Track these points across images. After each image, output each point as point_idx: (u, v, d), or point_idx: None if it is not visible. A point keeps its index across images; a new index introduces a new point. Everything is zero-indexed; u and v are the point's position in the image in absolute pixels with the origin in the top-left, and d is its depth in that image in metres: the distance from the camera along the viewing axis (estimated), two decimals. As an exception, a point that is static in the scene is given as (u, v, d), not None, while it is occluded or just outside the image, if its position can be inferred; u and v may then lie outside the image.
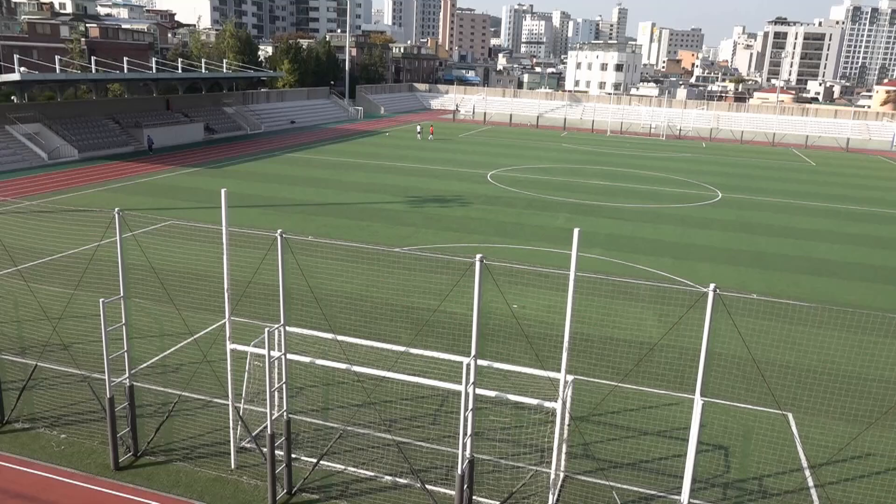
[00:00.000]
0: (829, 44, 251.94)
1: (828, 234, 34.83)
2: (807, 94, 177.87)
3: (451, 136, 72.86)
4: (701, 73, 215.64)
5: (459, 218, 34.27)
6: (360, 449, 13.47)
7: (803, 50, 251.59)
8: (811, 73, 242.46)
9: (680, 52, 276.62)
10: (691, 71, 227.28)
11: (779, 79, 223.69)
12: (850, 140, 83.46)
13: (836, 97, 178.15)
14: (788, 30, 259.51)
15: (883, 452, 14.29)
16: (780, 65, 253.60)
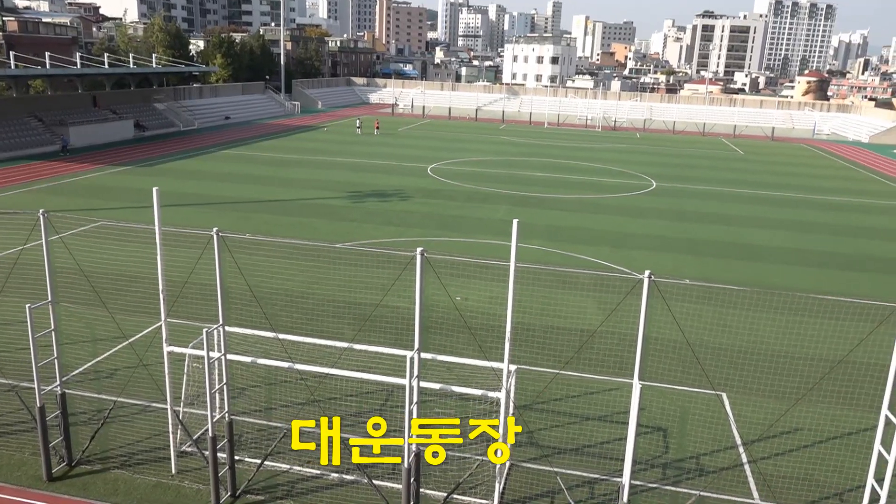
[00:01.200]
0: (753, 36, 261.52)
1: (756, 220, 36.22)
2: (734, 85, 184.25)
3: (391, 129, 72.56)
4: (634, 65, 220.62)
5: (401, 212, 34.20)
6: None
7: (730, 42, 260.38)
8: (738, 64, 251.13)
9: (613, 45, 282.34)
10: (624, 63, 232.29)
11: (707, 70, 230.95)
12: (775, 129, 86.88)
13: (761, 88, 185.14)
14: (716, 23, 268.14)
15: (810, 426, 14.98)
16: (708, 57, 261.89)
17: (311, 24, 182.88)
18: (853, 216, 38.68)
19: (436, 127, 78.73)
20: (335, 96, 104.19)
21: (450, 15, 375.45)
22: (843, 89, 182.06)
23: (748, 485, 12.97)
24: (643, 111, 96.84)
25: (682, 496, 12.36)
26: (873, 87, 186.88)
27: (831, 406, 15.85)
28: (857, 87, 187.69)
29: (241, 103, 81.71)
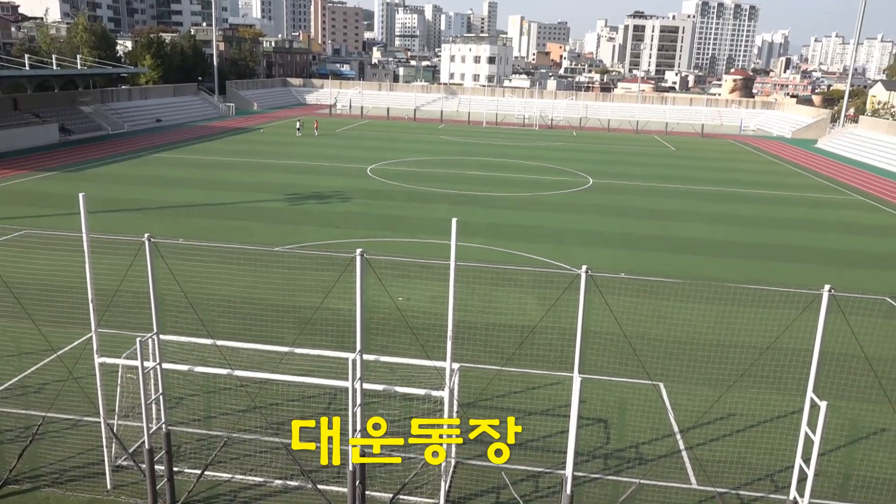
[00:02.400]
0: (682, 36, 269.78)
1: (689, 214, 37.37)
2: (665, 83, 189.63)
3: (329, 130, 71.84)
4: (569, 64, 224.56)
5: (341, 213, 33.90)
6: (247, 455, 13.08)
7: (660, 42, 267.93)
8: (668, 63, 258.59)
9: (548, 45, 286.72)
10: (560, 63, 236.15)
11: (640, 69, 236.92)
12: (704, 126, 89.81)
13: (690, 86, 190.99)
14: (646, 23, 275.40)
15: (742, 412, 15.56)
16: (640, 56, 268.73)
17: (245, 23, 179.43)
18: (779, 208, 40.34)
19: (374, 127, 78.37)
20: (271, 97, 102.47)
21: (386, 15, 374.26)
22: (766, 87, 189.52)
23: (686, 471, 13.38)
24: (579, 110, 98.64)
25: (624, 485, 12.65)
26: (795, 84, 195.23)
27: (761, 391, 16.49)
28: (779, 84, 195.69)
29: (172, 105, 79.46)
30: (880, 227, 36.56)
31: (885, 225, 37.32)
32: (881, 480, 13.25)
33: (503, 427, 11.27)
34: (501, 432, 11.20)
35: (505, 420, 14.85)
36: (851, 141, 72.69)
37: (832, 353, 17.43)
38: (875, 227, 36.48)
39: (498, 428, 11.41)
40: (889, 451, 14.33)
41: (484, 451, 13.40)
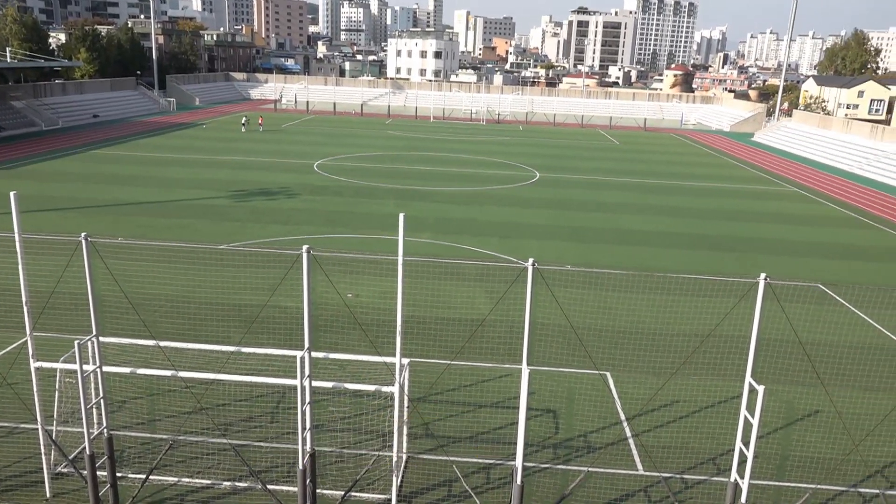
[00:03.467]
0: (624, 32, 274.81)
1: (633, 207, 38.15)
2: (609, 78, 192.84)
3: (275, 126, 70.72)
4: (515, 59, 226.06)
5: (287, 210, 33.45)
6: (193, 458, 12.81)
7: (603, 38, 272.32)
8: (611, 59, 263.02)
9: (494, 40, 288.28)
10: (506, 58, 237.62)
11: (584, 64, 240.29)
12: (647, 120, 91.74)
13: (633, 81, 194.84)
14: (590, 19, 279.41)
15: (686, 398, 16.00)
16: (584, 51, 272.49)
17: (185, 16, 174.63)
18: (719, 200, 41.55)
19: (321, 122, 77.49)
20: (213, 92, 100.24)
21: (331, 9, 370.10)
22: (706, 82, 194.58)
23: (633, 457, 13.69)
24: (525, 104, 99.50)
25: (573, 473, 12.88)
26: (732, 79, 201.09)
27: (703, 377, 16.99)
28: (718, 79, 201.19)
29: (110, 100, 76.95)
30: (813, 217, 38.03)
31: (818, 214, 38.83)
32: (816, 460, 13.82)
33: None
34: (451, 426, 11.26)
35: (457, 414, 14.98)
36: (785, 134, 75.34)
37: (769, 339, 18.09)
38: (808, 217, 37.93)
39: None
40: (823, 432, 14.95)
41: (435, 446, 13.49)
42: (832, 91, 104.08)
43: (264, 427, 14.04)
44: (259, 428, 14.01)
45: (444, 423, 14.59)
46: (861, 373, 17.75)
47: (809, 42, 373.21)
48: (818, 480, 13.02)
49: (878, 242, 32.90)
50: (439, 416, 14.80)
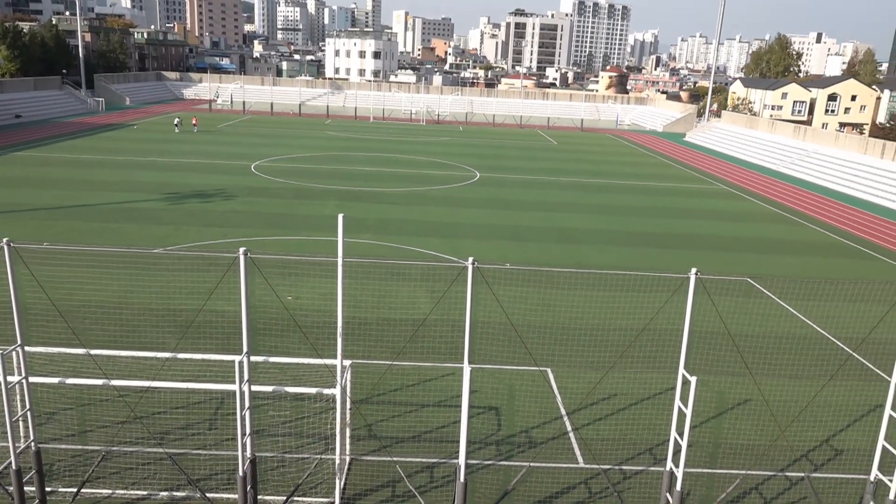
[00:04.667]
0: (561, 34, 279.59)
1: (572, 206, 38.86)
2: (546, 79, 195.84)
3: (210, 126, 69.12)
4: (454, 60, 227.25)
5: (224, 212, 32.75)
6: (128, 469, 12.42)
7: (540, 39, 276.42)
8: (549, 60, 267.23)
9: (433, 41, 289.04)
10: (445, 58, 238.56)
11: (522, 66, 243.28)
12: (583, 120, 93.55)
13: (570, 82, 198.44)
14: (527, 21, 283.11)
15: (623, 391, 16.41)
16: (522, 53, 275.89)
17: (113, 13, 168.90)
18: (653, 198, 42.72)
19: (258, 123, 76.15)
20: (145, 92, 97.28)
21: (267, 7, 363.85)
22: (639, 83, 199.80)
23: (573, 451, 13.96)
24: (464, 105, 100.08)
25: (515, 469, 13.04)
26: (665, 81, 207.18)
27: (640, 371, 17.45)
28: (651, 81, 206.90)
29: (33, 100, 73.73)
30: (741, 214, 39.53)
31: (746, 211, 40.38)
32: (746, 447, 14.38)
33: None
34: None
35: (400, 414, 14.96)
36: (715, 134, 78.03)
37: (701, 332, 18.72)
38: (737, 214, 39.40)
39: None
40: (753, 420, 15.57)
41: (379, 447, 13.45)
42: (758, 93, 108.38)
43: (203, 434, 13.72)
44: (197, 435, 13.68)
45: (387, 423, 14.56)
46: (787, 362, 18.56)
47: (737, 45, 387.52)
48: (748, 466, 13.55)
49: (803, 237, 34.45)
50: (382, 417, 14.76)
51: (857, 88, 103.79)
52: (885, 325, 16.84)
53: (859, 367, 18.72)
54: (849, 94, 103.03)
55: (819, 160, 57.08)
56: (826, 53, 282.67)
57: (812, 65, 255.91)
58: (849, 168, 52.87)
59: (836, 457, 14.31)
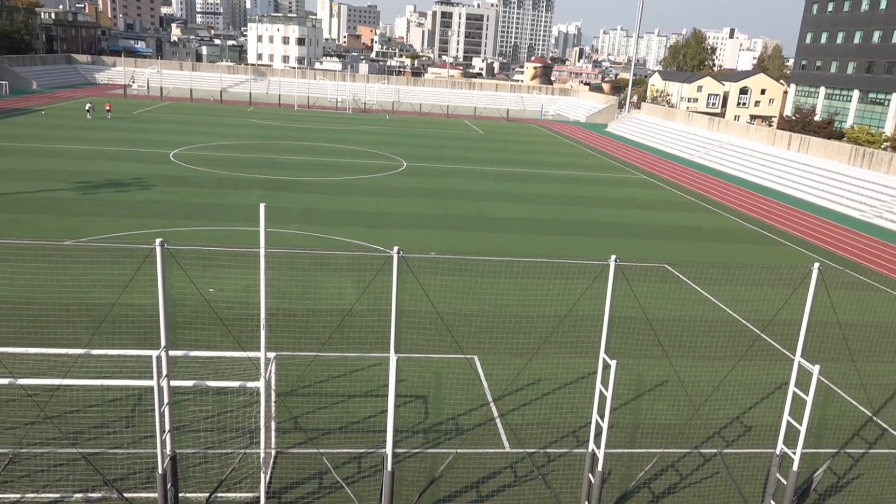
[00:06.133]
0: (487, 24, 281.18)
1: (498, 195, 39.30)
2: (473, 69, 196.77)
3: (125, 113, 66.25)
4: (380, 48, 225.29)
5: (141, 202, 31.51)
6: (39, 471, 11.85)
7: (467, 29, 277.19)
8: (475, 50, 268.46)
9: (359, 28, 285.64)
10: (371, 46, 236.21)
11: (448, 55, 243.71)
12: (509, 110, 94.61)
13: (496, 73, 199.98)
14: (453, 10, 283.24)
15: (548, 377, 16.78)
16: (448, 42, 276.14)
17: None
18: (576, 187, 43.70)
19: (177, 109, 73.48)
20: (53, 75, 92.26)
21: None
22: (563, 75, 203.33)
23: (499, 436, 14.20)
24: (391, 94, 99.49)
25: (442, 456, 13.16)
26: (587, 73, 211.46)
27: (563, 356, 17.88)
28: (574, 73, 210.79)
29: (-72, 82, 68.77)
30: (660, 202, 40.94)
31: (664, 200, 41.85)
32: (663, 426, 14.98)
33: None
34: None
35: (327, 406, 14.84)
36: (635, 125, 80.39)
37: (621, 317, 19.33)
38: (655, 202, 40.78)
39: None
40: (669, 401, 16.22)
41: (305, 439, 13.31)
42: (675, 85, 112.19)
43: (119, 433, 13.23)
44: (114, 434, 13.18)
45: (313, 415, 14.41)
46: (701, 344, 19.40)
47: (655, 39, 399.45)
48: (665, 445, 14.12)
49: (717, 225, 35.99)
50: (309, 409, 14.60)
51: (767, 83, 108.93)
52: (789, 307, 17.83)
53: (766, 348, 19.77)
54: (759, 87, 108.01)
55: (732, 151, 59.68)
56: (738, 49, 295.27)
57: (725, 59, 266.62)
58: (759, 158, 55.51)
59: (746, 433, 15.09)
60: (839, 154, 50.12)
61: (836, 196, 44.41)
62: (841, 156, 49.84)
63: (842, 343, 19.24)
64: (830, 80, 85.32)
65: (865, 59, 79.04)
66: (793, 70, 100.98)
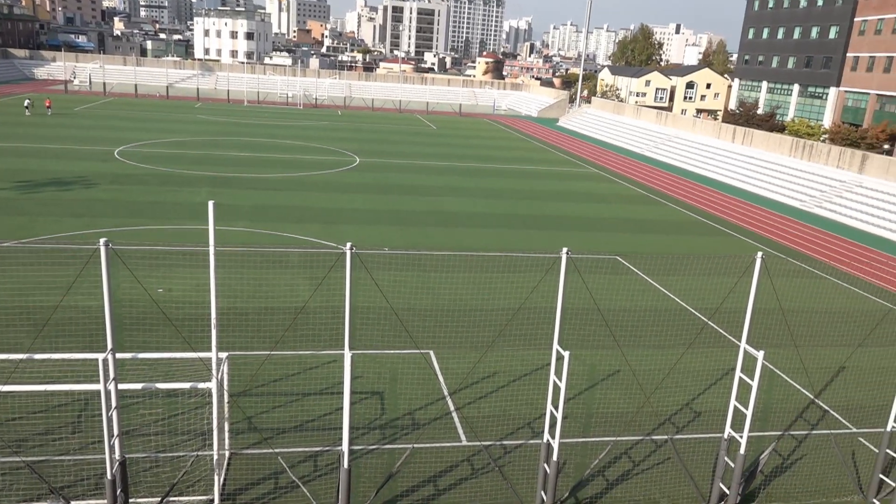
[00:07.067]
0: (438, 19, 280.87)
1: (451, 190, 39.38)
2: (425, 64, 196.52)
3: (66, 109, 64.14)
4: (331, 43, 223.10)
5: (85, 201, 30.58)
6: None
7: (418, 24, 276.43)
8: (427, 45, 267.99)
9: (309, 23, 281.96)
10: (322, 41, 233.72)
11: (400, 50, 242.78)
12: (462, 105, 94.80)
13: (448, 68, 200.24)
14: (404, 5, 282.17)
15: (503, 369, 16.92)
16: (399, 37, 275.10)
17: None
18: (529, 181, 44.08)
19: (121, 106, 71.47)
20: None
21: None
22: (515, 70, 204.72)
23: (456, 430, 14.26)
24: (343, 89, 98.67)
25: (399, 451, 13.16)
26: (538, 68, 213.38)
27: (518, 348, 18.06)
28: (526, 67, 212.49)
29: None
30: (610, 195, 41.61)
31: (614, 193, 42.55)
32: (616, 414, 15.27)
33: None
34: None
35: (282, 405, 14.68)
36: (586, 119, 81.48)
37: (573, 309, 19.58)
38: (605, 195, 41.44)
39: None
40: (622, 390, 16.53)
41: (260, 440, 13.15)
42: (624, 80, 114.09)
43: (66, 439, 12.84)
44: (60, 440, 12.79)
45: (268, 415, 14.23)
46: (652, 333, 19.83)
47: (604, 34, 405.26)
48: (618, 433, 14.40)
49: (666, 217, 36.78)
50: (263, 409, 14.41)
51: (712, 77, 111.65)
52: (735, 295, 18.33)
53: (714, 335, 20.31)
54: (704, 82, 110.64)
55: (679, 144, 61.00)
56: (684, 44, 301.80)
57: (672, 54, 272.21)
58: (705, 151, 56.88)
59: (696, 418, 15.50)
60: (781, 146, 51.73)
61: (778, 187, 45.84)
62: (783, 148, 51.45)
63: (784, 329, 19.90)
64: (772, 74, 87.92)
65: (804, 54, 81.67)
66: (736, 65, 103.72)
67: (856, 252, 32.23)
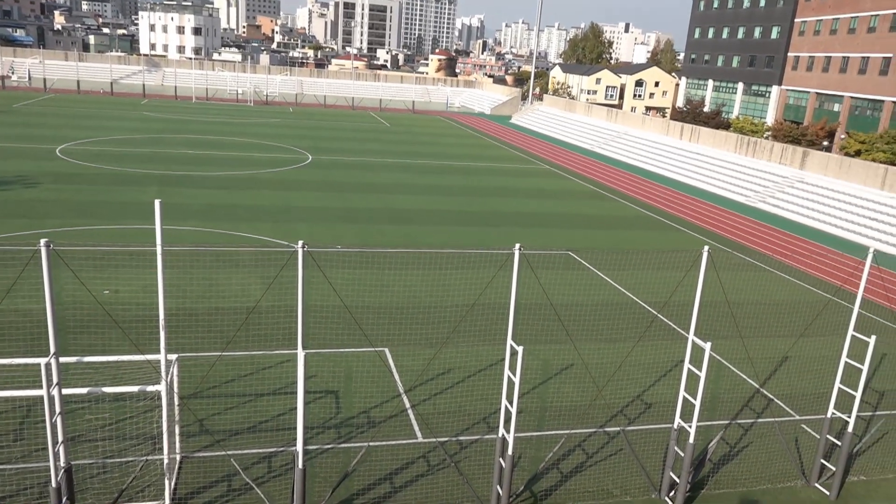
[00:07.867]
0: (390, 16, 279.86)
1: (405, 187, 39.30)
2: (377, 61, 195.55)
3: (4, 106, 61.78)
4: (282, 39, 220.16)
5: (27, 201, 29.54)
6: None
7: (370, 21, 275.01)
8: (379, 42, 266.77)
9: (259, 18, 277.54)
10: (272, 37, 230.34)
11: (352, 46, 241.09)
12: (415, 103, 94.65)
13: (401, 65, 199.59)
14: (356, 1, 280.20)
15: (458, 366, 16.99)
16: (351, 34, 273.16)
17: None
18: (482, 178, 44.30)
19: (63, 102, 69.20)
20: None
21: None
22: (468, 67, 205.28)
23: (412, 427, 14.27)
24: (294, 85, 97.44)
25: (355, 450, 13.10)
26: (491, 65, 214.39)
27: (473, 344, 18.15)
28: (478, 65, 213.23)
29: None
30: (562, 192, 42.13)
31: (566, 189, 43.10)
32: (570, 408, 15.49)
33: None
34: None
35: (235, 406, 14.45)
36: (538, 116, 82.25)
37: (526, 304, 19.78)
38: (558, 192, 41.94)
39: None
40: (575, 383, 16.78)
41: (212, 442, 12.93)
42: (575, 78, 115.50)
43: (7, 447, 12.40)
44: (1, 449, 12.35)
45: (220, 417, 14.00)
46: (604, 327, 20.16)
47: (556, 33, 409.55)
48: (572, 425, 14.61)
49: (616, 212, 37.42)
50: (215, 411, 14.17)
51: (660, 75, 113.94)
52: (683, 288, 18.78)
53: (664, 328, 20.78)
54: (653, 80, 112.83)
55: (629, 141, 62.12)
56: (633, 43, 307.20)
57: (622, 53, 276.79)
58: (654, 148, 58.05)
59: (647, 410, 15.83)
60: (726, 143, 53.14)
61: (724, 182, 47.09)
62: (728, 145, 52.86)
63: (731, 321, 20.48)
64: (717, 73, 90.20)
65: (748, 53, 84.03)
66: (683, 63, 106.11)
67: (797, 245, 33.36)
